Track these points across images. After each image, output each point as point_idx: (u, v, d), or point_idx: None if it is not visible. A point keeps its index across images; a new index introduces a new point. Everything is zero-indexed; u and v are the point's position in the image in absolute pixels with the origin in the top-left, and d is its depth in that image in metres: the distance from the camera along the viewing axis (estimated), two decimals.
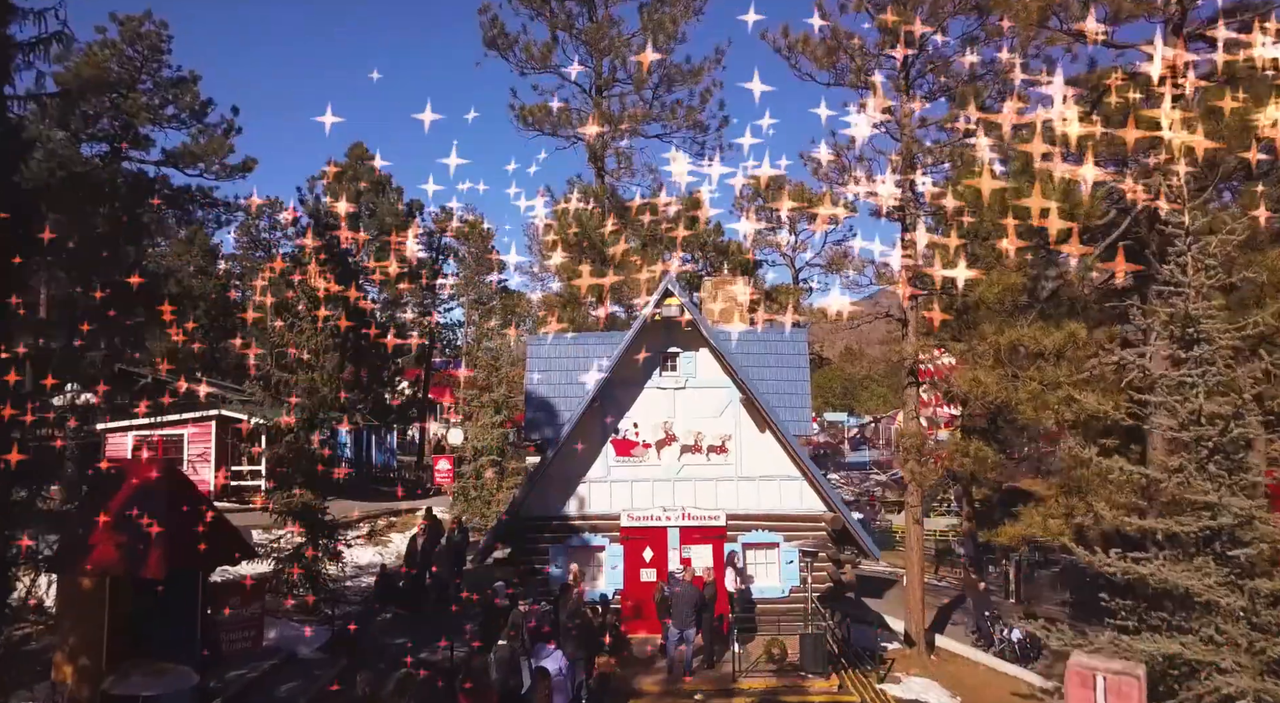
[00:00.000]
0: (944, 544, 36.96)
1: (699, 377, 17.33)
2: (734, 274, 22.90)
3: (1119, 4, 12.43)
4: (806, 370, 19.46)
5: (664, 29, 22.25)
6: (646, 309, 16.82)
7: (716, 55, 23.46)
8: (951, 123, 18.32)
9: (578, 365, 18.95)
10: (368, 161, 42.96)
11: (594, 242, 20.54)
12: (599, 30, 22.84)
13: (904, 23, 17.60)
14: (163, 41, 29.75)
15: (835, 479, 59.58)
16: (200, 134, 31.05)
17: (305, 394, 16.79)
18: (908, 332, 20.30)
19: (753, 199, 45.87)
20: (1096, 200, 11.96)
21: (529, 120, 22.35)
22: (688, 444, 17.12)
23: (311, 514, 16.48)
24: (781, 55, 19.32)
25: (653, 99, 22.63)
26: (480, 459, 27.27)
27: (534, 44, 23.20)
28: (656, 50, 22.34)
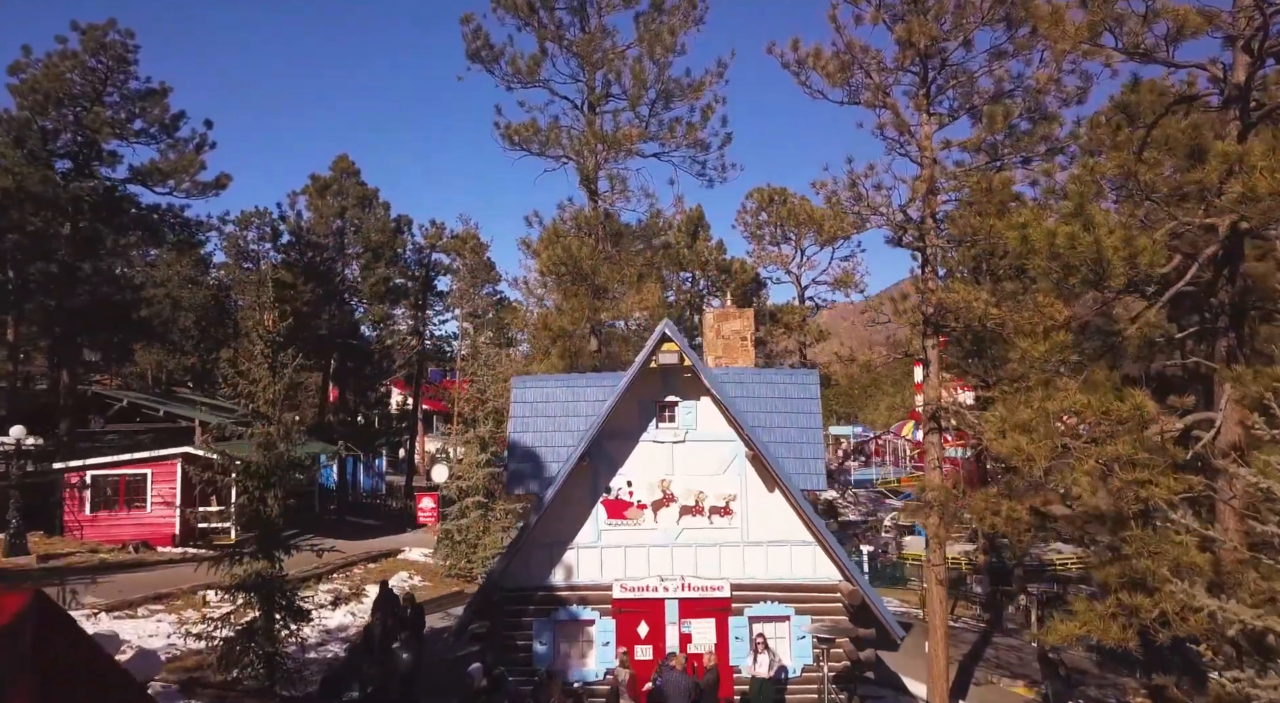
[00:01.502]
0: (956, 572, 35.29)
1: (700, 429, 15.72)
2: (737, 305, 21.30)
3: (1183, 18, 10.86)
4: (818, 416, 17.82)
5: (661, 41, 20.71)
6: (641, 355, 15.24)
7: (719, 68, 21.91)
8: (979, 145, 16.75)
9: (566, 411, 17.36)
10: (353, 175, 41.52)
11: (585, 272, 18.96)
12: (591, 42, 21.30)
13: (925, 34, 16.04)
14: (129, 52, 28.23)
15: (840, 498, 58.10)
16: (170, 149, 29.50)
17: (261, 450, 15.16)
18: (929, 374, 18.71)
19: (756, 214, 44.47)
20: (1158, 244, 10.35)
21: (515, 139, 20.80)
22: (688, 505, 15.51)
23: (269, 586, 14.83)
24: (790, 71, 17.77)
25: (649, 116, 21.08)
26: (465, 500, 25.67)
27: (521, 56, 21.67)
28: (653, 63, 20.83)
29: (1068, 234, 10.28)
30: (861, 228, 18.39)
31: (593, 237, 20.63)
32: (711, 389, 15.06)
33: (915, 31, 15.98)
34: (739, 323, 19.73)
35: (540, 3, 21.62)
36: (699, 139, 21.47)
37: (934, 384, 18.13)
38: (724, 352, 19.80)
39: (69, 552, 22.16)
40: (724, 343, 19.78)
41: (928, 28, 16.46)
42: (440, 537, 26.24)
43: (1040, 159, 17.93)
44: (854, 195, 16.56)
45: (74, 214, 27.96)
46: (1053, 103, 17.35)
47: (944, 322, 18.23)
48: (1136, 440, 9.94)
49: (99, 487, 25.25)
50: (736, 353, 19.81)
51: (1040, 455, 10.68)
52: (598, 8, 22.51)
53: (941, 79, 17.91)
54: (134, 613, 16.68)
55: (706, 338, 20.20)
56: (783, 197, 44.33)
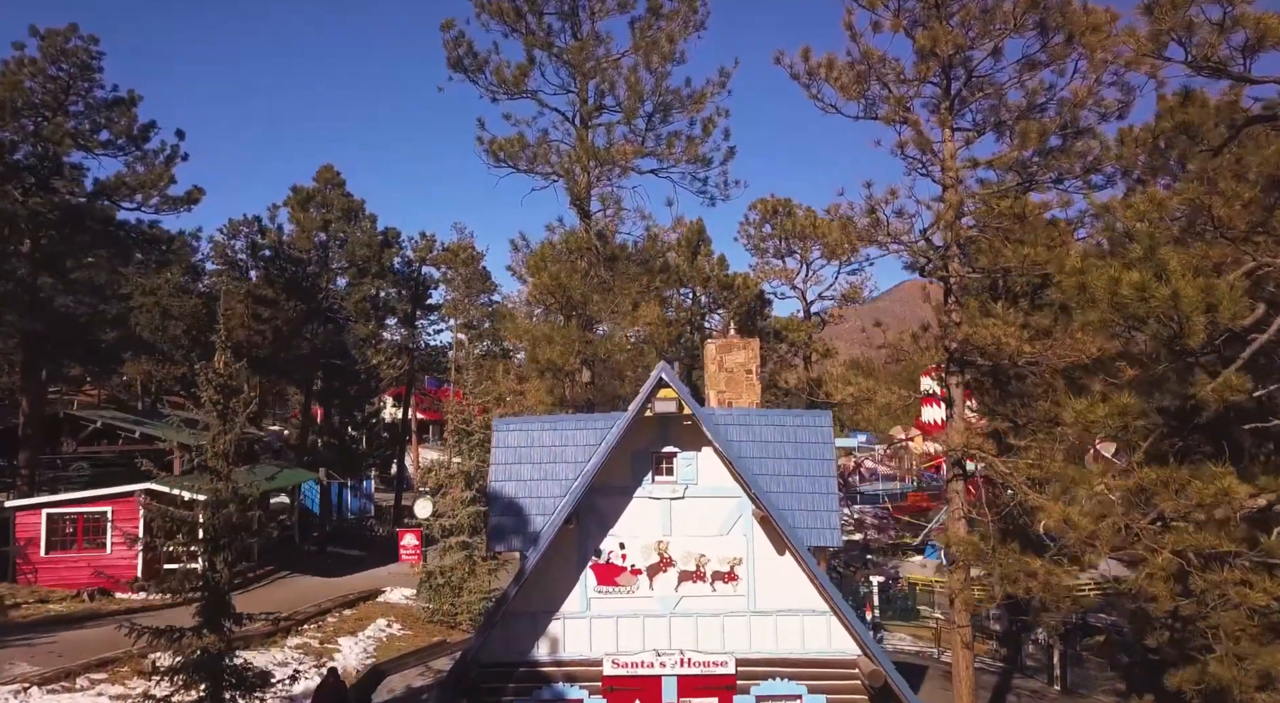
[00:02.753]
0: None
1: (701, 483, 14.21)
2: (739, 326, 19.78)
3: (1265, 27, 9.35)
4: (832, 463, 16.27)
5: (659, 49, 19.24)
6: (635, 403, 13.72)
7: (721, 78, 20.45)
8: (1010, 164, 15.24)
9: (553, 456, 15.84)
10: (338, 186, 40.06)
11: (575, 302, 17.46)
12: (583, 50, 19.83)
13: (950, 42, 14.53)
14: (93, 58, 26.76)
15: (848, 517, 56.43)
16: (138, 162, 28.02)
17: (210, 510, 13.64)
18: (951, 414, 17.17)
19: (759, 226, 42.98)
20: (1236, 290, 8.81)
21: (500, 155, 19.31)
22: (687, 570, 13.98)
23: (215, 664, 13.27)
24: (800, 82, 16.29)
25: (646, 130, 19.58)
26: (448, 540, 24.12)
27: (507, 65, 20.22)
28: (650, 74, 19.35)
29: (1135, 283, 8.76)
30: (878, 248, 16.88)
31: (585, 261, 19.12)
32: (715, 442, 13.54)
33: (940, 39, 14.50)
34: (743, 354, 18.26)
35: (528, 7, 20.18)
36: (700, 154, 20.01)
37: (958, 427, 16.59)
38: (727, 386, 18.34)
39: (16, 602, 20.61)
40: (727, 376, 18.32)
41: (953, 35, 14.97)
42: (422, 579, 24.67)
43: (1076, 179, 16.43)
44: (872, 222, 15.03)
45: (34, 230, 26.47)
46: (1090, 117, 15.85)
47: (969, 358, 16.71)
48: (1221, 529, 8.39)
49: (55, 526, 23.70)
50: (741, 387, 18.36)
51: (1104, 540, 9.13)
52: (590, 13, 21.08)
53: (966, 91, 16.42)
54: (72, 685, 15.11)
55: (708, 371, 18.74)
56: (787, 208, 42.91)
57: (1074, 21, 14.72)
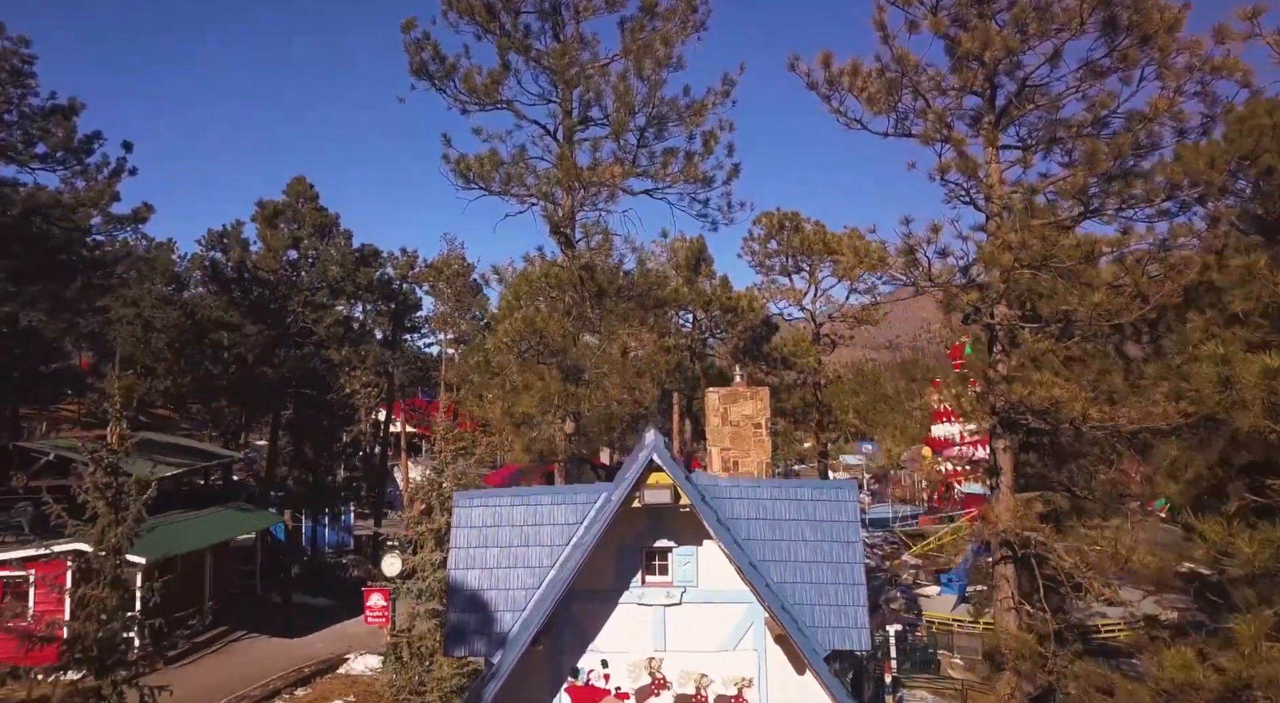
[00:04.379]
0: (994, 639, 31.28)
1: (702, 585, 11.79)
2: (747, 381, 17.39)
3: None
4: (859, 545, 13.84)
5: (652, 53, 16.88)
6: (618, 492, 11.28)
7: (724, 87, 18.10)
8: (1075, 191, 12.83)
9: (526, 538, 13.48)
10: (310, 200, 37.67)
11: (555, 345, 15.05)
12: (565, 54, 17.47)
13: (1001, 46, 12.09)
14: (26, 63, 24.40)
15: None
16: (77, 177, 25.64)
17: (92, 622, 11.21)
18: (997, 483, 14.72)
19: (765, 242, 40.56)
20: None
21: (469, 176, 16.93)
22: (685, 693, 11.55)
23: None
24: (819, 93, 13.92)
25: (637, 146, 17.21)
26: (418, 607, 21.65)
27: (478, 72, 17.86)
28: (642, 82, 16.97)
29: None
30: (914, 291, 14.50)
31: (568, 296, 16.70)
32: (721, 543, 11.11)
33: (990, 42, 12.10)
34: (751, 406, 15.85)
35: (502, 5, 17.80)
36: (699, 173, 17.60)
37: (1007, 503, 14.15)
38: (733, 442, 15.94)
39: None
40: (732, 431, 15.94)
41: (1003, 37, 12.58)
42: (388, 649, 22.18)
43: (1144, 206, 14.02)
44: (908, 262, 12.62)
45: None
46: (1166, 135, 13.46)
47: (1021, 420, 14.28)
48: None
49: None
50: (749, 444, 15.96)
51: None
52: (574, 11, 18.74)
53: (1015, 103, 14.04)
54: None
55: (710, 424, 16.32)
56: (795, 223, 40.49)
57: (1150, 19, 12.35)
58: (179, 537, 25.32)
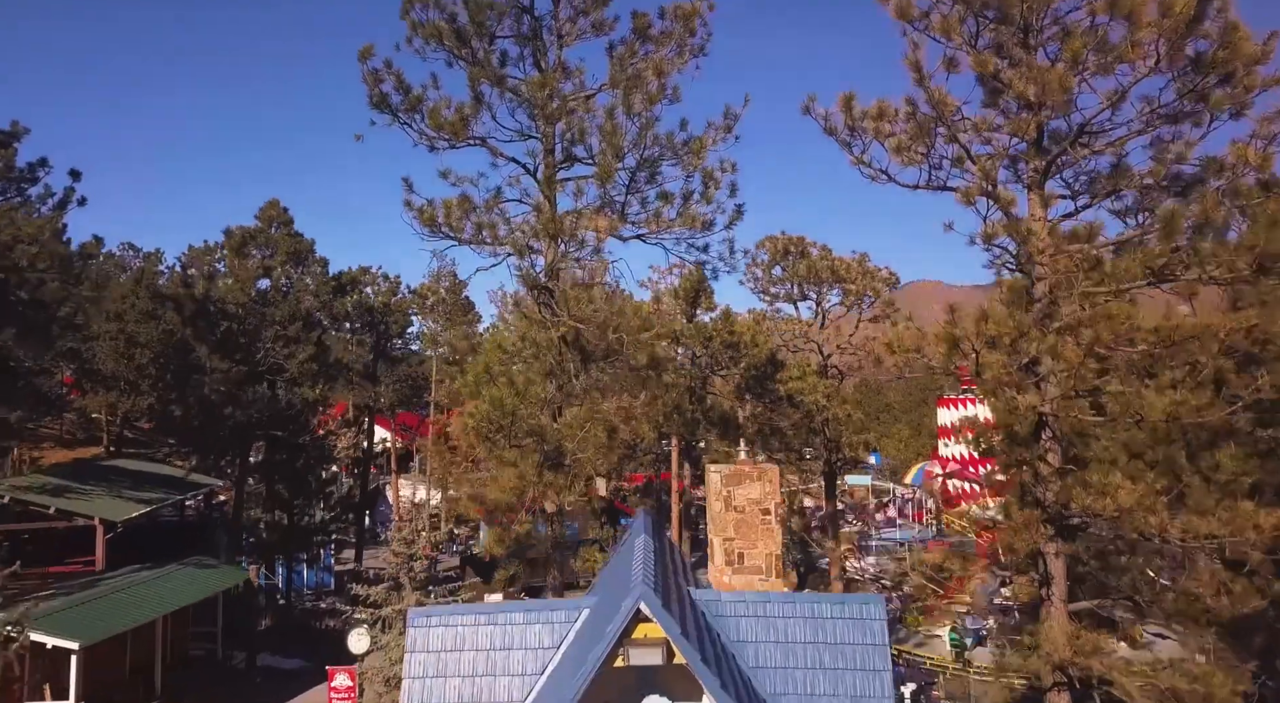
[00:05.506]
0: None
1: None
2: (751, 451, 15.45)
3: None
4: (887, 674, 11.85)
5: (644, 85, 14.92)
6: (598, 650, 9.26)
7: (726, 121, 16.14)
8: (1155, 268, 10.82)
9: (492, 666, 11.74)
10: (285, 225, 35.71)
11: (531, 427, 13.05)
12: (546, 85, 15.51)
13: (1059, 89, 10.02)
14: None
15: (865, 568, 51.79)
16: (18, 209, 23.70)
17: None
18: (1049, 594, 12.67)
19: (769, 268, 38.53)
20: None
21: (436, 225, 14.96)
22: None
23: None
24: (838, 139, 11.94)
25: (628, 192, 15.22)
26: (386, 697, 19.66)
27: (447, 105, 15.89)
28: (633, 120, 15.02)
29: None
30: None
31: (548, 359, 14.68)
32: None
33: (1048, 87, 10.10)
34: (759, 488, 14.10)
35: (474, 30, 15.84)
36: (698, 219, 15.62)
37: (1060, 622, 12.10)
38: (737, 531, 14.18)
39: None
40: (737, 518, 14.14)
41: (1061, 78, 10.59)
42: None
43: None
44: (950, 351, 10.61)
45: None
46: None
47: (1078, 525, 12.27)
48: None
49: None
50: (755, 533, 14.24)
51: None
52: (556, 35, 16.80)
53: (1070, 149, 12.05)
54: None
55: (711, 508, 14.51)
56: (800, 248, 38.44)
57: (1242, 53, 10.38)
58: (123, 610, 23.33)
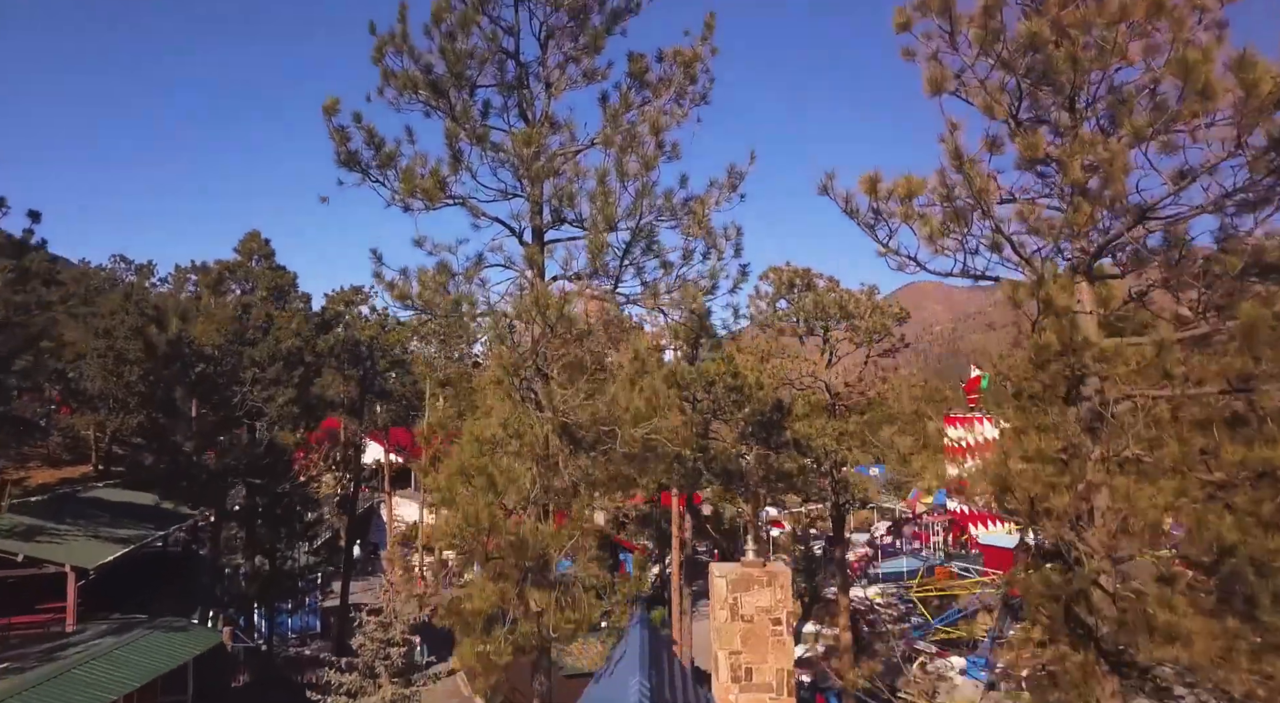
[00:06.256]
0: None
1: None
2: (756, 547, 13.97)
3: None
4: None
5: (637, 145, 13.50)
6: None
7: (731, 179, 14.70)
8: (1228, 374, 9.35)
9: None
10: (266, 258, 34.36)
11: (511, 540, 11.61)
12: (531, 142, 14.09)
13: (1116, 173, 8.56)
14: None
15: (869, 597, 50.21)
16: None
17: None
18: None
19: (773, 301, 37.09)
20: None
21: (408, 299, 13.55)
22: None
23: None
24: (860, 222, 10.49)
25: (623, 261, 13.79)
26: None
27: (422, 162, 14.47)
28: (626, 187, 13.60)
29: None
30: None
31: (533, 448, 13.21)
32: None
33: (1112, 175, 8.66)
34: (769, 595, 12.80)
35: (452, 81, 14.43)
36: (698, 292, 14.19)
37: None
38: (745, 644, 12.89)
39: None
40: (744, 630, 12.84)
41: (1123, 162, 9.14)
42: None
43: None
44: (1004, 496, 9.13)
45: None
46: None
47: (1134, 659, 10.76)
48: None
49: None
50: (765, 647, 12.90)
51: None
52: (545, 83, 15.38)
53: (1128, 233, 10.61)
54: None
55: (715, 617, 13.09)
56: (806, 280, 37.03)
57: None
58: (81, 691, 21.81)
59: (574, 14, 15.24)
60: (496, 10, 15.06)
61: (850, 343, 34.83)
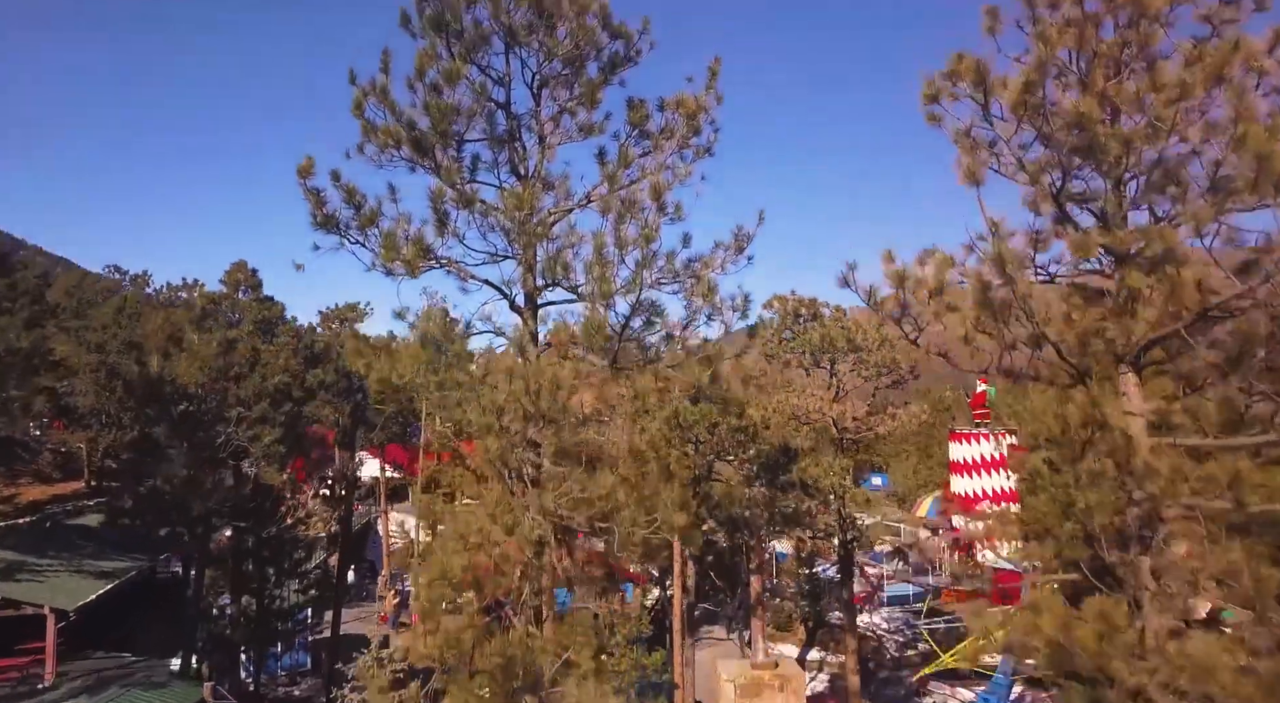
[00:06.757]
0: None
1: None
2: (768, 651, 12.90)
3: None
4: None
5: (634, 210, 12.50)
6: None
7: (738, 241, 13.75)
8: None
9: None
10: (253, 289, 33.36)
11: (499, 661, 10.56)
12: (522, 204, 13.12)
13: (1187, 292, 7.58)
14: None
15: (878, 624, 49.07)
16: None
17: None
18: None
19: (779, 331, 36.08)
20: None
21: (388, 382, 12.53)
22: None
23: None
24: (882, 313, 9.43)
25: (621, 337, 12.77)
26: None
27: (405, 224, 13.51)
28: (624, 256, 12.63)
29: None
30: None
31: (523, 554, 12.14)
32: None
33: (1181, 293, 7.61)
34: (779, 681, 11.87)
35: (437, 139, 13.45)
36: (705, 372, 13.22)
37: None
38: None
39: None
40: None
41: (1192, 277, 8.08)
42: None
43: None
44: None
45: None
46: None
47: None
48: None
49: None
50: None
51: None
52: (539, 138, 14.40)
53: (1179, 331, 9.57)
54: None
55: None
56: (813, 310, 36.03)
57: None
58: None
59: (569, 62, 14.26)
60: (486, 59, 14.06)
61: (859, 376, 33.82)
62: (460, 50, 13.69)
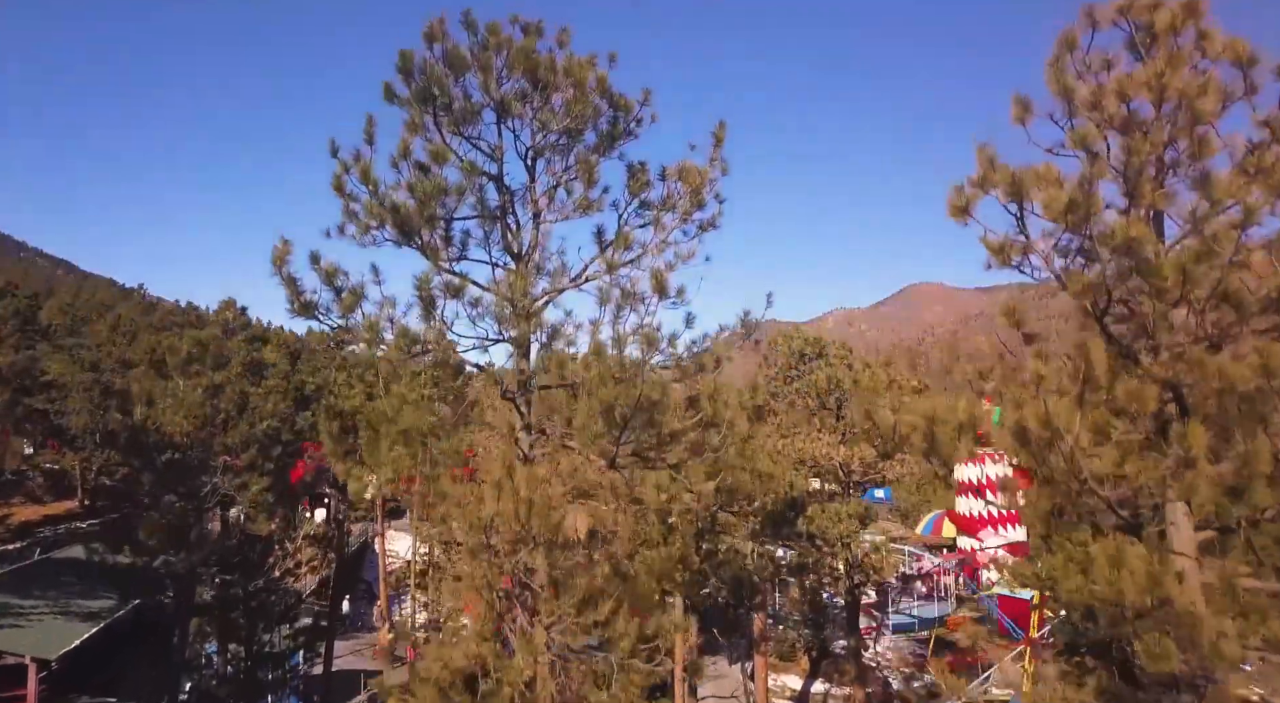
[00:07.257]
0: None
1: None
2: None
3: None
4: None
5: (636, 303, 11.72)
6: None
7: (745, 326, 12.99)
8: None
9: None
10: (245, 327, 32.53)
11: None
12: (514, 290, 12.33)
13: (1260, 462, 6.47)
14: None
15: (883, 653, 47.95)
16: None
17: None
18: None
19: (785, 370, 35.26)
20: None
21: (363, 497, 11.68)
22: None
23: None
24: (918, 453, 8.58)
25: (620, 440, 11.94)
26: None
27: (390, 309, 12.71)
28: (621, 346, 11.82)
29: None
30: None
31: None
32: None
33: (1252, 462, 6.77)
34: None
35: (423, 221, 12.66)
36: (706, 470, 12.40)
37: None
38: None
39: None
40: None
41: None
42: None
43: None
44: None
45: None
46: None
47: None
48: None
49: None
50: None
51: None
52: (534, 215, 13.62)
53: None
54: None
55: None
56: (818, 348, 35.22)
57: None
58: None
59: (565, 133, 13.45)
60: (477, 131, 13.24)
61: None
62: (449, 123, 12.89)
